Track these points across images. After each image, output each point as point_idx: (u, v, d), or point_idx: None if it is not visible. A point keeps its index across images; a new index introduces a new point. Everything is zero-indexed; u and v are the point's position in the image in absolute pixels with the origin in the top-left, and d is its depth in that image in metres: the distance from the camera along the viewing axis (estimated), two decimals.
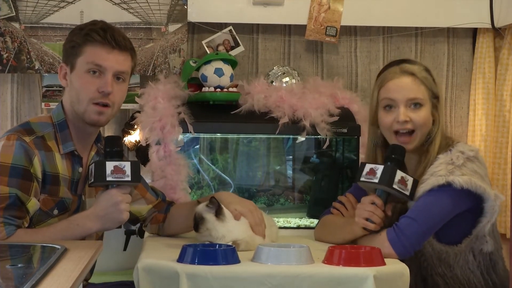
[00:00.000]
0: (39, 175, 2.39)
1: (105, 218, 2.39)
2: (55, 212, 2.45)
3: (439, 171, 2.50)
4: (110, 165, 2.36)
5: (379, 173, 2.49)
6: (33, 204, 2.38)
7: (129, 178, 2.37)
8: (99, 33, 2.46)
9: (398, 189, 2.48)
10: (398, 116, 2.59)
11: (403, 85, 2.61)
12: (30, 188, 2.37)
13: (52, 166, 2.43)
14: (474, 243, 2.56)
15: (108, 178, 2.36)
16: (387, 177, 2.48)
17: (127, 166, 2.37)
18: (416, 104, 2.60)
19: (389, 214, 2.53)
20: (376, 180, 2.49)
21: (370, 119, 2.72)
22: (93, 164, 2.40)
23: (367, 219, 2.49)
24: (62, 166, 2.46)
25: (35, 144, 2.40)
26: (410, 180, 2.50)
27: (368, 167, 2.52)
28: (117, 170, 2.36)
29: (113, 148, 2.42)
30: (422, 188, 2.50)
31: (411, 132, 2.60)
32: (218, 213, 2.46)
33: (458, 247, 2.57)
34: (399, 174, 2.49)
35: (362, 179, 2.52)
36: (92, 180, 2.39)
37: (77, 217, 2.42)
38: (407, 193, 2.50)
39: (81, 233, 2.39)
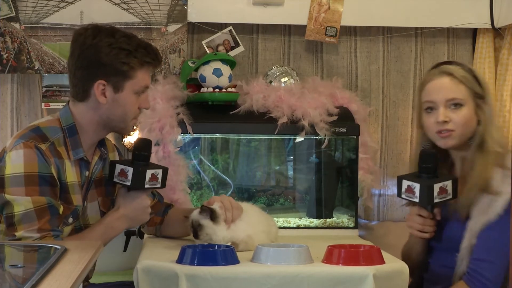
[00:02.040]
0: (58, 182, 2.39)
1: (134, 219, 2.53)
2: (70, 220, 2.44)
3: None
4: (149, 173, 2.49)
5: (417, 192, 2.50)
6: (62, 210, 2.39)
7: (159, 185, 2.53)
8: (152, 57, 2.48)
9: (440, 201, 2.51)
10: (438, 116, 2.57)
11: (440, 86, 2.59)
12: (57, 195, 2.38)
13: (64, 174, 2.42)
14: None
15: (146, 186, 2.49)
16: (426, 197, 2.50)
17: (159, 173, 2.51)
18: (456, 104, 2.57)
19: (438, 219, 2.58)
20: (417, 200, 2.52)
21: (416, 123, 2.72)
22: (130, 168, 2.48)
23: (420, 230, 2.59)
24: (72, 173, 2.44)
25: (50, 152, 2.38)
26: (449, 184, 2.50)
27: (405, 184, 2.53)
28: (153, 177, 2.50)
29: (141, 151, 2.52)
30: (487, 217, 2.45)
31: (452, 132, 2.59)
32: (213, 217, 2.49)
33: None
34: (437, 187, 2.49)
35: (403, 196, 2.56)
36: (128, 184, 2.48)
37: (110, 220, 2.49)
38: (450, 197, 2.51)
39: (115, 234, 2.51)
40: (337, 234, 3.06)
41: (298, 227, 3.11)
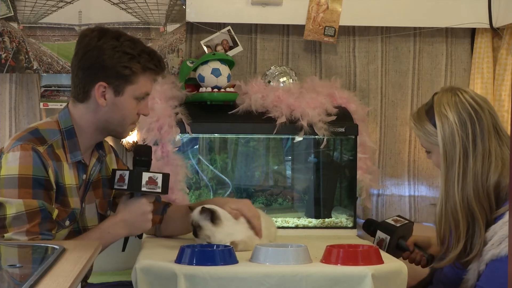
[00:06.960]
0: (54, 185, 2.38)
1: (133, 225, 2.49)
2: (67, 223, 2.43)
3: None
4: (145, 176, 2.46)
5: None
6: (56, 214, 2.38)
7: (159, 190, 2.48)
8: (155, 63, 2.48)
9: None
10: None
11: None
12: (52, 198, 2.37)
13: (62, 177, 2.41)
14: None
15: (143, 189, 2.46)
16: None
17: (159, 178, 2.48)
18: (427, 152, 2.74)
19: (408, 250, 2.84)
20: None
21: None
22: (127, 172, 2.48)
23: None
24: (69, 175, 2.44)
25: (48, 154, 2.37)
26: None
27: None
28: (151, 181, 2.47)
29: (142, 157, 2.50)
30: (498, 249, 2.42)
31: None
32: (214, 219, 2.50)
33: None
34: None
35: None
36: (125, 188, 2.47)
37: (107, 224, 2.48)
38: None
39: (112, 240, 2.48)
40: (336, 234, 3.06)
41: (296, 227, 3.11)
